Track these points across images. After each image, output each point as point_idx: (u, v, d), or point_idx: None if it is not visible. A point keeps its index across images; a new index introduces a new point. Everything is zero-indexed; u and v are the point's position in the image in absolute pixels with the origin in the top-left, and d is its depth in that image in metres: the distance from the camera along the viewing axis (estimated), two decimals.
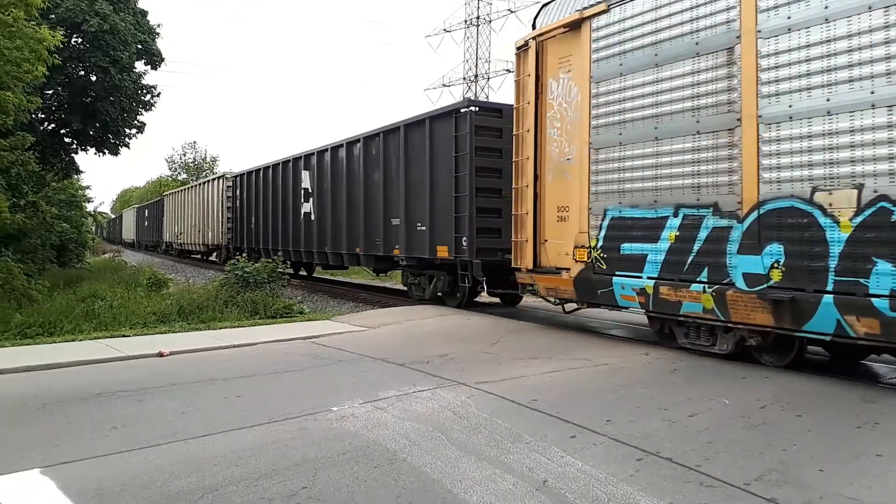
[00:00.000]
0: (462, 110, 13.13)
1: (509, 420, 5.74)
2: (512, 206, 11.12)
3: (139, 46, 21.55)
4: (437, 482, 4.42)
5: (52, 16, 18.36)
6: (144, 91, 22.86)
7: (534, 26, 10.59)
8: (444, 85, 58.35)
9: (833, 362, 8.32)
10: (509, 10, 54.81)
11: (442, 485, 4.37)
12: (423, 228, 14.23)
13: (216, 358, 8.73)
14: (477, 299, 14.82)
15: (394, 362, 8.32)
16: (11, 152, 14.69)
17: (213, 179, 30.48)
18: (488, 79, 56.46)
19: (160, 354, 8.74)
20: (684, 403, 6.28)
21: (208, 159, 73.24)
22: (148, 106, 23.21)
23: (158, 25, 22.97)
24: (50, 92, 20.21)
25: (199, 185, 32.83)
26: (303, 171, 20.47)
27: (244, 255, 18.42)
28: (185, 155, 73.74)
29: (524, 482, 4.40)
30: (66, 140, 22.68)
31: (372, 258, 16.85)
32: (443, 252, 13.55)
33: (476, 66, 56.65)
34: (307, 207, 20.16)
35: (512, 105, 11.38)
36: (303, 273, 24.34)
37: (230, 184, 28.00)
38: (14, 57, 12.83)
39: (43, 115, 20.95)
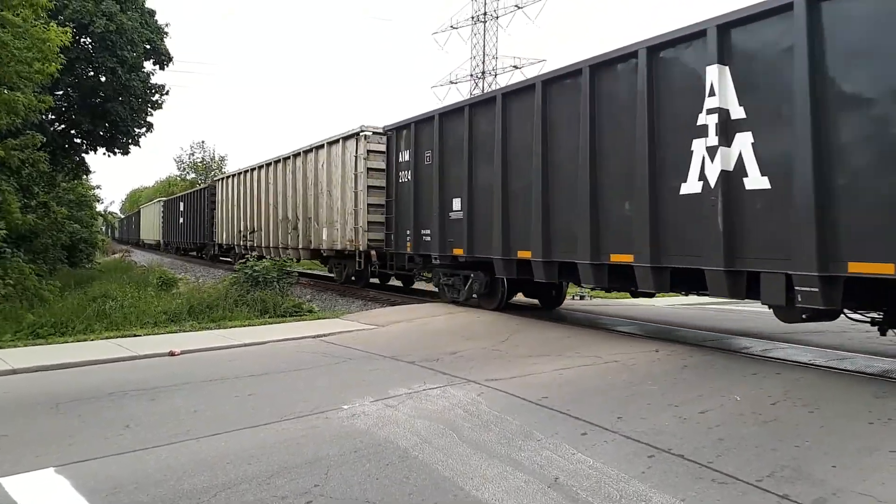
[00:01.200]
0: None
1: (520, 417, 5.75)
2: None
3: (147, 46, 21.63)
4: (448, 479, 4.43)
5: (60, 16, 18.45)
6: (153, 90, 22.94)
7: None
8: (452, 82, 58.39)
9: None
10: (516, 5, 54.73)
11: (453, 482, 4.38)
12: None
13: (227, 357, 8.77)
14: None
15: (403, 360, 8.34)
16: (22, 151, 14.77)
17: (340, 140, 17.77)
18: (495, 75, 56.41)
19: (171, 354, 8.78)
20: (695, 400, 6.26)
21: (216, 159, 73.45)
22: (156, 105, 23.29)
23: (167, 25, 23.05)
24: (60, 93, 20.31)
25: (301, 153, 20.34)
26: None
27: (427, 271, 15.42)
28: (193, 154, 74.00)
29: (536, 479, 4.40)
30: (76, 140, 22.81)
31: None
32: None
33: (483, 62, 56.60)
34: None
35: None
36: (297, 270, 24.00)
37: (380, 145, 16.48)
38: (24, 57, 12.91)
39: (53, 116, 21.07)
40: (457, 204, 12.77)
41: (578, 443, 5.12)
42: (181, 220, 40.88)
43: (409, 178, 14.37)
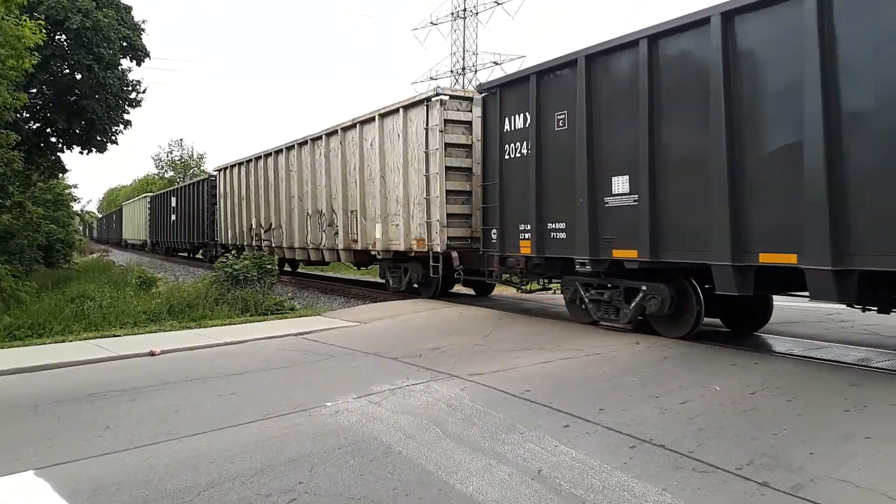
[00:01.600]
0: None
1: (503, 411, 5.78)
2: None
3: (124, 43, 21.35)
4: (432, 474, 4.44)
5: (35, 13, 18.15)
6: (130, 88, 22.64)
7: None
8: (432, 78, 58.21)
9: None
10: (496, 1, 54.71)
11: (438, 476, 4.40)
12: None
13: (208, 356, 8.71)
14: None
15: (387, 356, 8.34)
16: None
17: (401, 109, 14.07)
18: (476, 71, 56.37)
19: (151, 353, 8.71)
20: (676, 391, 6.33)
21: (195, 157, 72.69)
22: (134, 103, 22.99)
23: (143, 21, 22.73)
24: (34, 91, 19.99)
25: (338, 131, 16.77)
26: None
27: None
28: (171, 152, 73.15)
29: (519, 472, 4.43)
30: (52, 139, 22.47)
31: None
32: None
33: (463, 58, 56.57)
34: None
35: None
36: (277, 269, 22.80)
37: (463, 113, 13.23)
38: None
39: (28, 114, 20.74)
40: (621, 184, 9.09)
41: (561, 435, 5.16)
42: (173, 217, 36.68)
43: (526, 151, 10.76)
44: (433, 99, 13.02)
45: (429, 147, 13.13)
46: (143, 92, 23.12)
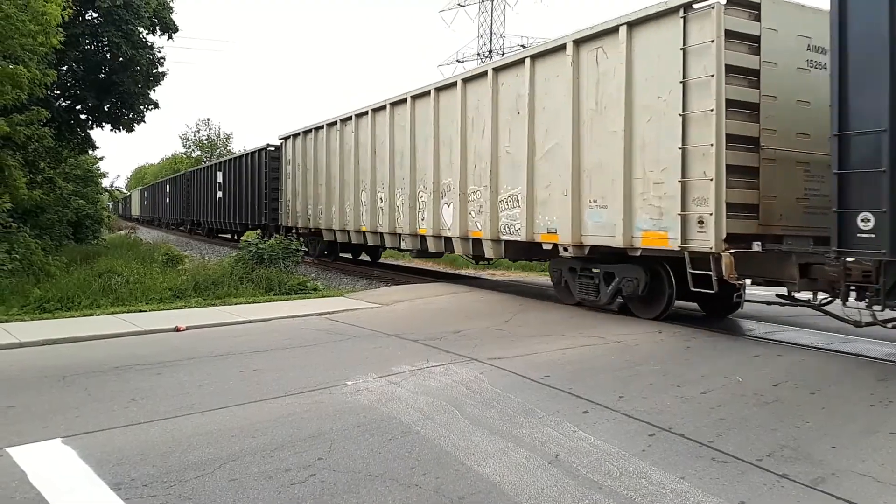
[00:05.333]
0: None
1: (522, 395, 5.78)
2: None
3: (154, 20, 21.48)
4: (450, 454, 4.47)
5: None
6: (157, 63, 22.76)
7: None
8: (458, 61, 57.88)
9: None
10: None
11: (455, 457, 4.43)
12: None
13: (232, 333, 8.83)
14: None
15: (407, 338, 8.38)
16: (27, 127, 14.74)
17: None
18: (503, 55, 55.87)
19: (177, 329, 8.84)
20: (697, 380, 6.29)
21: (222, 136, 73.23)
22: (160, 77, 23.07)
23: None
24: (65, 68, 20.23)
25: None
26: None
27: None
28: (198, 132, 73.76)
29: (536, 455, 4.44)
30: (82, 116, 22.75)
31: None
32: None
33: (490, 41, 56.13)
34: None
35: None
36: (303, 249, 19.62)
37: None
38: (28, 30, 12.83)
39: (59, 92, 21.00)
40: None
41: (580, 421, 5.15)
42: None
43: None
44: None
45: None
46: (164, 60, 22.95)
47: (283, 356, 7.48)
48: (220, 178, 31.92)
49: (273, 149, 24.40)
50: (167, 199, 49.06)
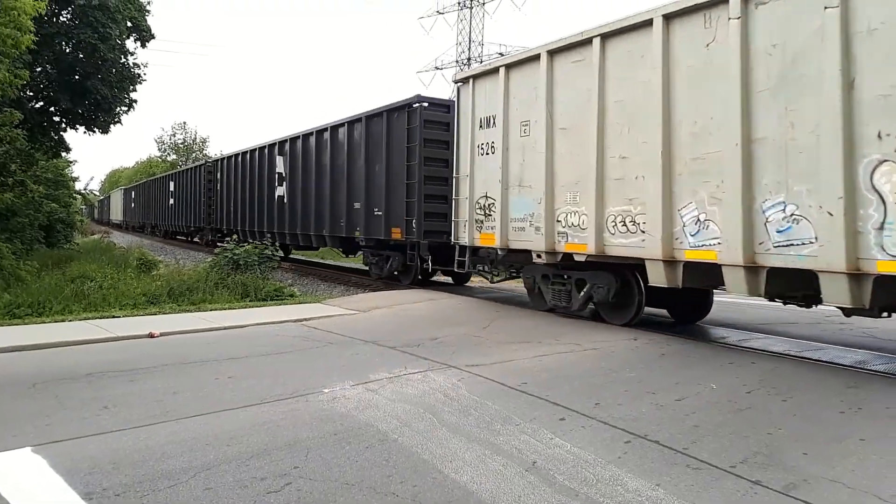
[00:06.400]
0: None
1: (499, 402, 5.80)
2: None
3: (129, 24, 21.26)
4: (427, 462, 4.46)
5: None
6: (133, 66, 22.53)
7: None
8: (437, 68, 58.03)
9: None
10: None
11: (433, 465, 4.42)
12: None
13: (207, 339, 8.73)
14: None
15: (385, 345, 8.35)
16: None
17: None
18: (481, 62, 56.14)
19: (151, 335, 8.73)
20: (672, 388, 6.35)
21: (198, 140, 72.56)
22: (137, 80, 22.83)
23: (148, 2, 22.64)
24: (38, 69, 19.92)
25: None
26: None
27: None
28: (174, 135, 73.02)
29: (514, 463, 4.45)
30: (55, 118, 22.40)
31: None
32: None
33: (469, 48, 56.33)
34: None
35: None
36: (279, 254, 24.32)
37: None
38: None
39: (31, 93, 20.67)
40: None
41: (556, 428, 5.17)
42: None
43: None
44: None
45: None
46: (145, 66, 22.99)
47: (258, 363, 7.41)
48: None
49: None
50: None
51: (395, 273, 15.87)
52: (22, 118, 16.93)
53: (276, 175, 21.55)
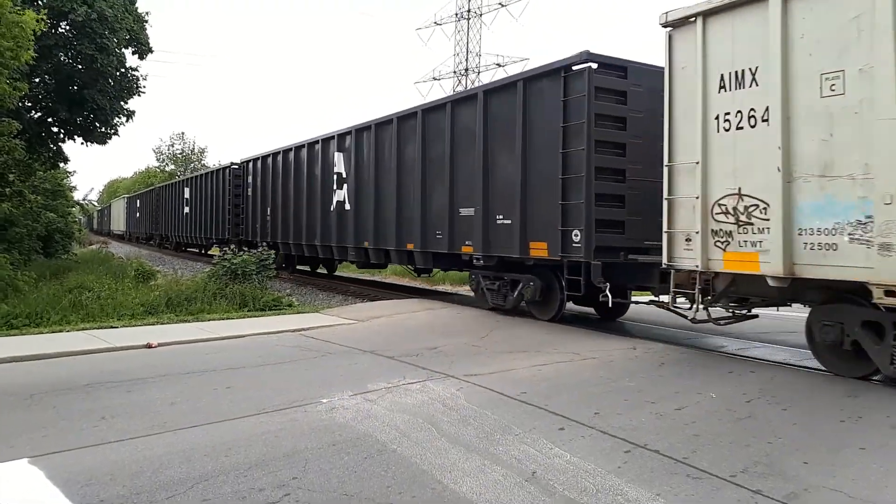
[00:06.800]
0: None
1: (498, 412, 5.78)
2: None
3: (127, 36, 21.31)
4: (426, 473, 4.44)
5: (39, 2, 18.12)
6: (132, 77, 22.57)
7: None
8: (435, 79, 58.28)
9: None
10: (500, 3, 54.74)
11: (432, 475, 4.40)
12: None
13: (205, 350, 8.71)
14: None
15: (383, 355, 8.33)
16: None
17: None
18: (479, 73, 56.39)
19: (149, 346, 8.71)
20: (672, 397, 6.33)
21: (196, 150, 72.62)
22: (135, 91, 22.84)
23: (147, 14, 22.70)
24: (37, 80, 19.95)
25: None
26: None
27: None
28: (172, 146, 73.06)
29: (513, 473, 4.43)
30: (53, 129, 22.42)
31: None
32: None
33: (466, 59, 56.59)
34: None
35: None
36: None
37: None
38: (1, 45, 12.66)
39: (30, 104, 20.70)
40: None
41: (556, 437, 5.16)
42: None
43: None
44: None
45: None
46: (145, 78, 23.03)
47: (257, 373, 7.39)
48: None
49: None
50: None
51: (524, 303, 11.76)
52: (20, 128, 16.94)
53: (335, 176, 17.28)
